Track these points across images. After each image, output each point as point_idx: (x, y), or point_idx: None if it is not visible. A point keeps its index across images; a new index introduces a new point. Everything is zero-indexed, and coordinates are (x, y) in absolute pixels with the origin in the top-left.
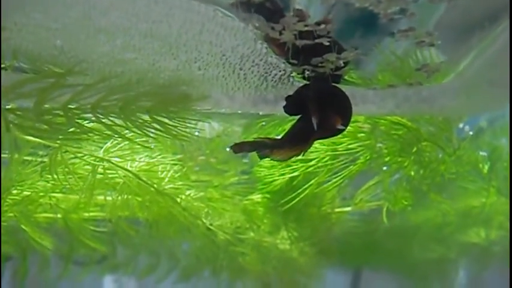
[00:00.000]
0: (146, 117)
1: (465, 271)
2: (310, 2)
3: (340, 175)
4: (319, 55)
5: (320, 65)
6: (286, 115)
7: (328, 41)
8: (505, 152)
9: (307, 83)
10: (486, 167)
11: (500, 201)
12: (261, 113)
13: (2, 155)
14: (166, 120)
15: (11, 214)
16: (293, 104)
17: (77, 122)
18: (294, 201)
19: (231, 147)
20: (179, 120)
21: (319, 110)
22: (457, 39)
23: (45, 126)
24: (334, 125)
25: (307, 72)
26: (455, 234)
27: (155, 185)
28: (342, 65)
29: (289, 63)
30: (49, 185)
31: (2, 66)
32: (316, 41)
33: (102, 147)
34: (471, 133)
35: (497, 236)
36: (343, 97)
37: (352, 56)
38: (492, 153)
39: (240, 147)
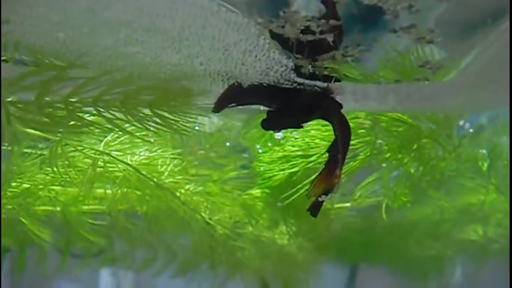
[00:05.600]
0: (147, 111)
1: (462, 268)
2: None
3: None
4: (322, 52)
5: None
6: None
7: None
8: (505, 150)
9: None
10: (486, 165)
11: (499, 199)
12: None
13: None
14: (167, 115)
15: (10, 207)
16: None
17: (78, 116)
18: (293, 197)
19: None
20: (180, 115)
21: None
22: (460, 36)
23: (46, 119)
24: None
25: (310, 68)
26: (453, 231)
27: (155, 179)
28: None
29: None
30: (48, 177)
31: (3, 58)
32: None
33: (102, 141)
34: (471, 131)
35: (495, 234)
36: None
37: (356, 53)
38: (492, 151)
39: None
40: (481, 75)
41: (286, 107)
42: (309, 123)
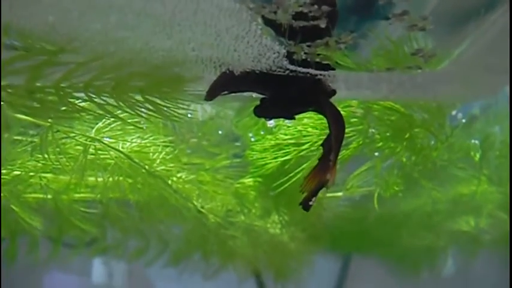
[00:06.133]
0: (139, 98)
1: (454, 259)
2: None
3: None
4: (316, 38)
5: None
6: None
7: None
8: (498, 141)
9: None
10: (478, 155)
11: (490, 190)
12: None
13: None
14: (158, 101)
15: (1, 194)
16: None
17: (69, 101)
18: (285, 185)
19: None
20: (172, 101)
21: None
22: (453, 25)
23: (37, 105)
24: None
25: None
26: (445, 222)
27: (146, 167)
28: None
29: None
30: (39, 164)
31: None
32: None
33: (93, 128)
34: (464, 121)
35: (486, 225)
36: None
37: (350, 40)
38: (484, 141)
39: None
40: (474, 64)
41: (279, 96)
42: None
